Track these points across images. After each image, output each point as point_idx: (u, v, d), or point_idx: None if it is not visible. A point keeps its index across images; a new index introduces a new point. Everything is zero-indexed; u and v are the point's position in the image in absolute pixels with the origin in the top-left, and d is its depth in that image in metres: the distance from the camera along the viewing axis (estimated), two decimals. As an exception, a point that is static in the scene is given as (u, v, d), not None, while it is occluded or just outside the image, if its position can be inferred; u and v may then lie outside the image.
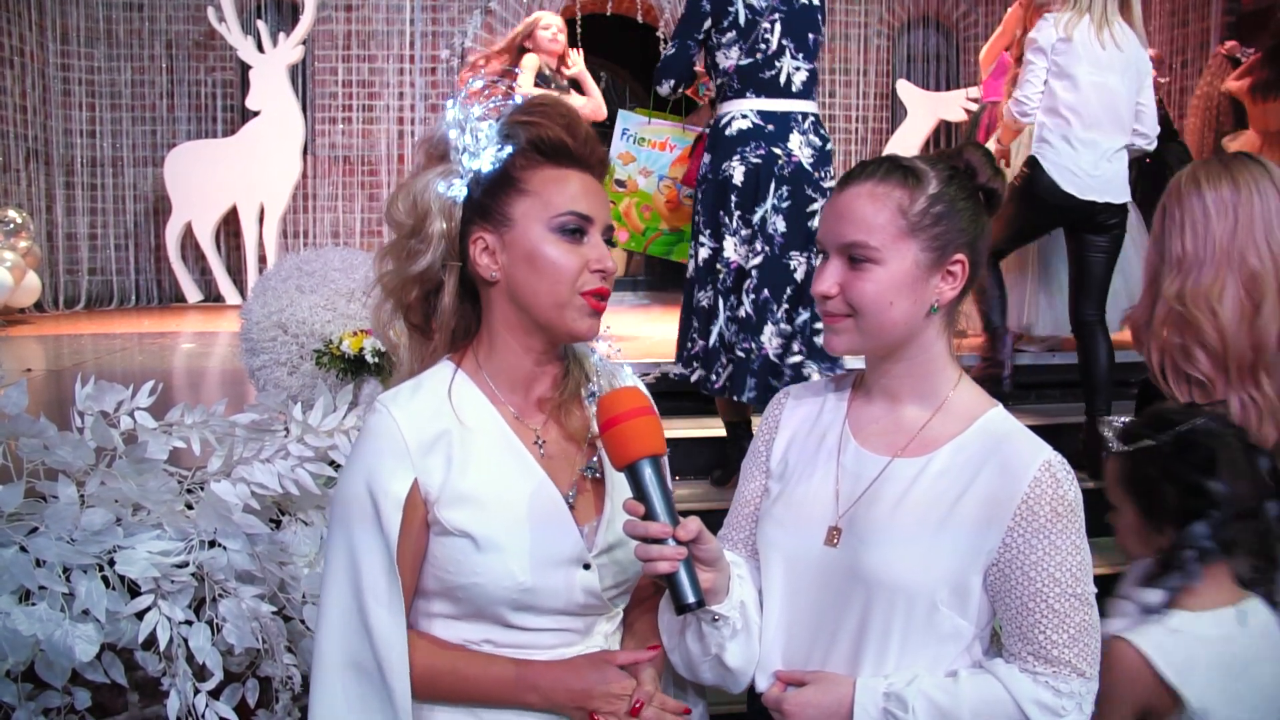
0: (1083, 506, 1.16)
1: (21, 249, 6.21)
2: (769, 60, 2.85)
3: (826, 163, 2.91)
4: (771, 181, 2.81)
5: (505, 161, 1.18)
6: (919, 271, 1.17)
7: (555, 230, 1.16)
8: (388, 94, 7.75)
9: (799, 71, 2.87)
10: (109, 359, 4.67)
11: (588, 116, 4.72)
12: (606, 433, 1.08)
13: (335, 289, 2.81)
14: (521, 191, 1.17)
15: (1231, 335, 1.55)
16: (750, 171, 2.82)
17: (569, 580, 1.17)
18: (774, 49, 2.84)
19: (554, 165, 1.18)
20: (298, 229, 7.77)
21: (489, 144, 1.18)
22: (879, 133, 8.35)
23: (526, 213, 1.17)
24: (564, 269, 1.16)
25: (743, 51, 2.85)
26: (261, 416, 2.02)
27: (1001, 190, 1.24)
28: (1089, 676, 1.14)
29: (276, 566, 1.89)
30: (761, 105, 2.86)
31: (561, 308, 1.16)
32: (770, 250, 2.80)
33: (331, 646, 1.14)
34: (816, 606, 1.21)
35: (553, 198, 1.17)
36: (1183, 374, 1.64)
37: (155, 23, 7.78)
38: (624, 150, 3.19)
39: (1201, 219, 1.59)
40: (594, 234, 1.18)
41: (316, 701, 1.14)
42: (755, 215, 2.82)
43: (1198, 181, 1.62)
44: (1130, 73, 3.34)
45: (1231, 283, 1.56)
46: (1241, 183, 1.59)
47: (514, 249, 1.17)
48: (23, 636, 1.63)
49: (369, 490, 1.13)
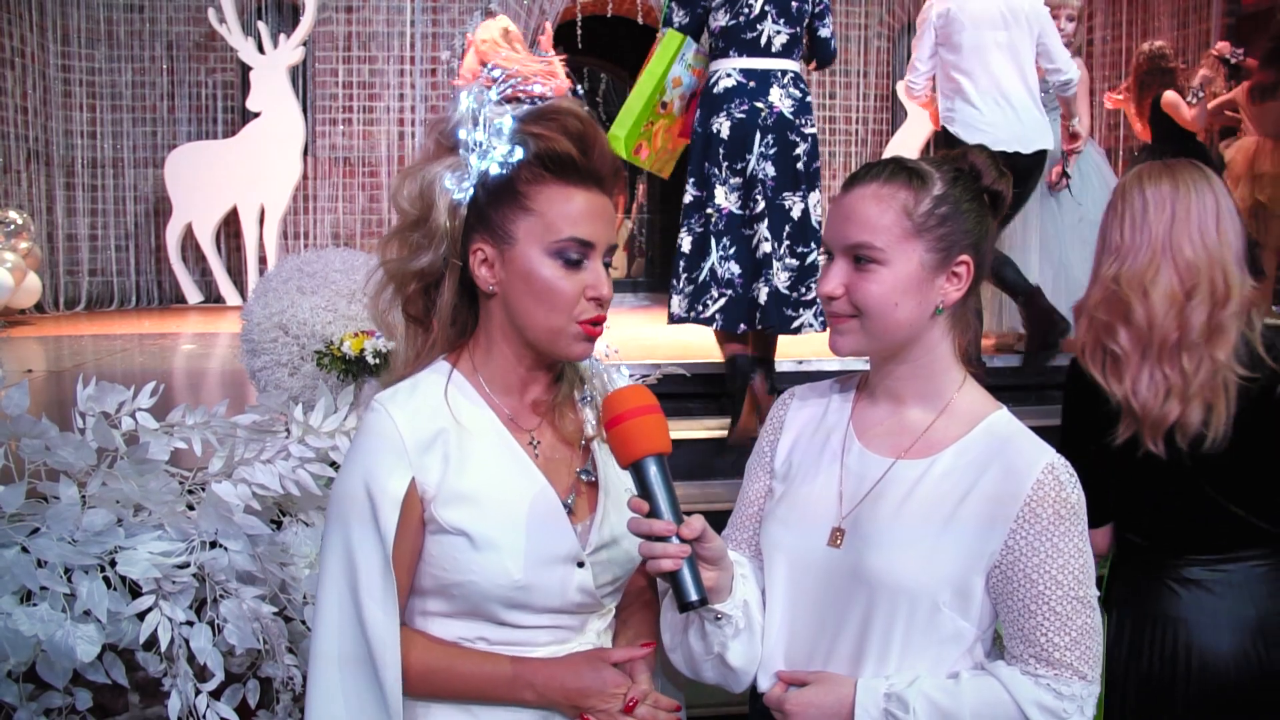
0: (1086, 509, 1.16)
1: (22, 250, 6.21)
2: (751, 23, 3.15)
3: (806, 111, 3.22)
4: (756, 133, 3.12)
5: (511, 171, 1.15)
6: (924, 273, 1.17)
7: (554, 255, 1.14)
8: (388, 95, 7.76)
9: (779, 34, 3.17)
10: (109, 360, 4.67)
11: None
12: (612, 430, 1.08)
13: (336, 290, 2.81)
14: (525, 208, 1.15)
15: (1159, 316, 1.62)
16: (736, 125, 3.12)
17: (563, 578, 1.18)
18: (756, 13, 3.14)
19: (560, 182, 1.15)
20: (298, 230, 7.77)
21: (499, 144, 1.14)
22: (879, 134, 8.36)
23: (528, 232, 1.14)
24: (560, 296, 1.14)
25: (729, 15, 3.16)
26: (262, 417, 2.02)
27: (1006, 192, 1.24)
28: (1090, 679, 1.14)
29: (277, 567, 1.89)
30: (744, 64, 3.16)
31: (555, 333, 1.16)
32: (766, 194, 3.12)
33: (327, 641, 1.14)
34: (819, 607, 1.21)
35: (555, 220, 1.14)
36: (1101, 347, 1.68)
37: (156, 24, 7.79)
38: (677, 75, 3.30)
39: (1140, 211, 1.68)
40: (594, 259, 1.16)
41: (312, 695, 1.15)
42: (745, 165, 3.13)
43: (1140, 180, 1.71)
44: (1020, 21, 3.63)
45: (1166, 269, 1.63)
46: (1181, 183, 1.67)
47: (512, 267, 1.15)
48: (24, 637, 1.63)
49: (366, 489, 1.13)
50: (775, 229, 3.10)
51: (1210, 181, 1.68)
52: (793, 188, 3.15)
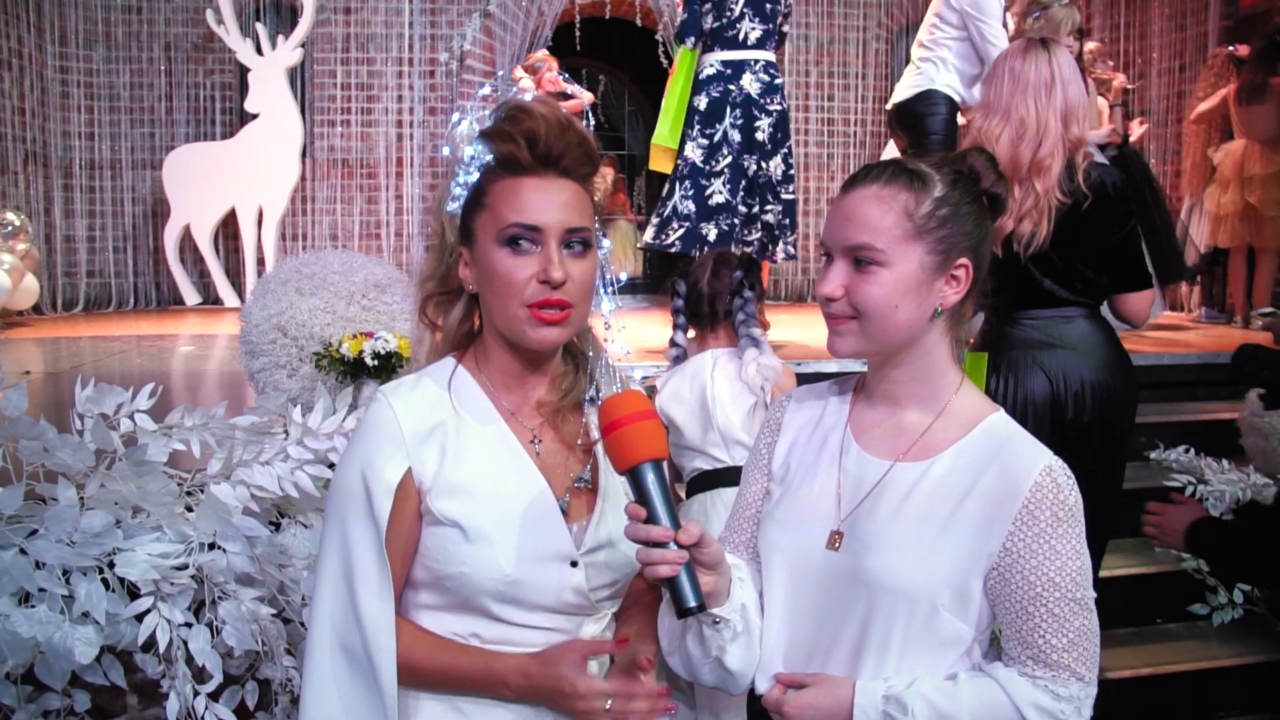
0: (1083, 512, 1.16)
1: (20, 251, 6.20)
2: (732, 23, 4.00)
3: (773, 92, 4.06)
4: (726, 108, 4.00)
5: (481, 178, 1.21)
6: (924, 275, 1.17)
7: (503, 244, 1.17)
8: (386, 97, 7.74)
9: (754, 30, 4.01)
10: (108, 361, 4.66)
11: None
12: (608, 436, 1.09)
13: (334, 292, 2.81)
14: (482, 205, 1.20)
15: (1002, 159, 2.20)
16: (712, 101, 4.01)
17: (556, 577, 1.19)
18: (737, 15, 3.99)
19: (509, 176, 1.19)
20: (296, 232, 7.76)
21: (471, 156, 1.21)
22: (877, 136, 8.36)
23: (484, 227, 1.19)
24: (509, 282, 1.17)
25: (714, 19, 4.01)
26: (261, 419, 2.02)
27: (1005, 195, 1.24)
28: (1088, 681, 1.14)
29: (276, 569, 1.89)
30: (725, 56, 4.03)
31: (510, 320, 1.18)
32: (731, 155, 4.01)
33: (323, 630, 1.17)
34: (817, 609, 1.21)
35: (501, 210, 1.18)
36: None
37: (154, 25, 7.77)
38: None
39: (998, 78, 2.35)
40: (548, 243, 1.17)
41: (308, 683, 1.16)
42: (716, 132, 4.01)
43: (1006, 55, 2.38)
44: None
45: (1008, 124, 2.29)
46: (1027, 58, 2.31)
47: (477, 263, 1.21)
48: (22, 639, 1.63)
49: (363, 477, 1.17)
50: (733, 184, 4.00)
51: (1052, 57, 2.29)
52: (750, 151, 4.02)
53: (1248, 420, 3.37)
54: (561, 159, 1.19)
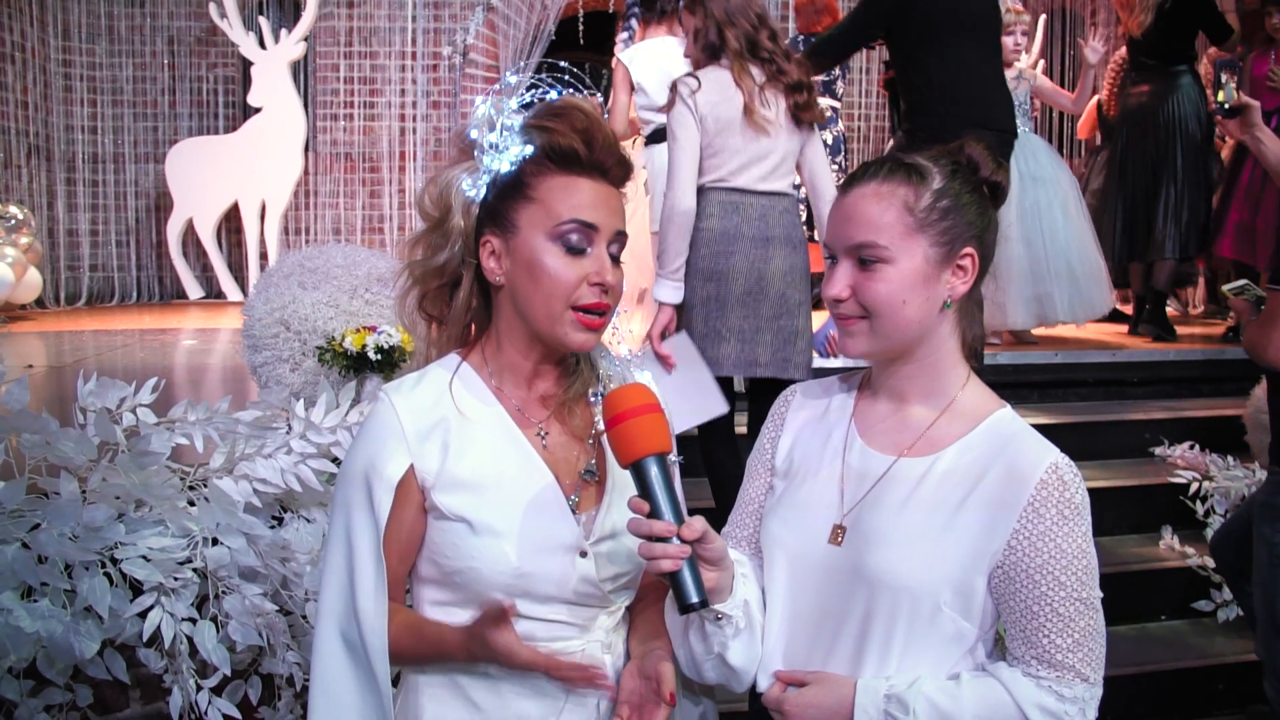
0: (1089, 510, 1.15)
1: (23, 245, 6.21)
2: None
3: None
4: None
5: (519, 167, 1.18)
6: (930, 268, 1.16)
7: (556, 240, 1.16)
8: (389, 90, 7.74)
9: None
10: (110, 355, 4.66)
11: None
12: (612, 430, 1.08)
13: (338, 285, 2.80)
14: (528, 198, 1.18)
15: None
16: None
17: (565, 567, 1.18)
18: None
19: (564, 173, 1.18)
20: (299, 225, 7.77)
21: (511, 144, 1.18)
22: (880, 130, 8.34)
23: (531, 220, 1.17)
24: (560, 281, 1.16)
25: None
26: (264, 413, 2.02)
27: (1005, 183, 1.24)
28: (1092, 682, 1.13)
29: (279, 563, 1.89)
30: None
31: (554, 320, 1.17)
32: None
33: (329, 623, 1.19)
34: (819, 605, 1.20)
35: (556, 206, 1.17)
36: None
37: (157, 19, 7.78)
38: None
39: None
40: (599, 245, 1.18)
41: (316, 673, 1.19)
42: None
43: None
44: None
45: None
46: None
47: (516, 255, 1.18)
48: (25, 633, 1.62)
49: (365, 474, 1.18)
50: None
51: None
52: None
53: (1253, 416, 3.36)
54: (611, 161, 1.19)
